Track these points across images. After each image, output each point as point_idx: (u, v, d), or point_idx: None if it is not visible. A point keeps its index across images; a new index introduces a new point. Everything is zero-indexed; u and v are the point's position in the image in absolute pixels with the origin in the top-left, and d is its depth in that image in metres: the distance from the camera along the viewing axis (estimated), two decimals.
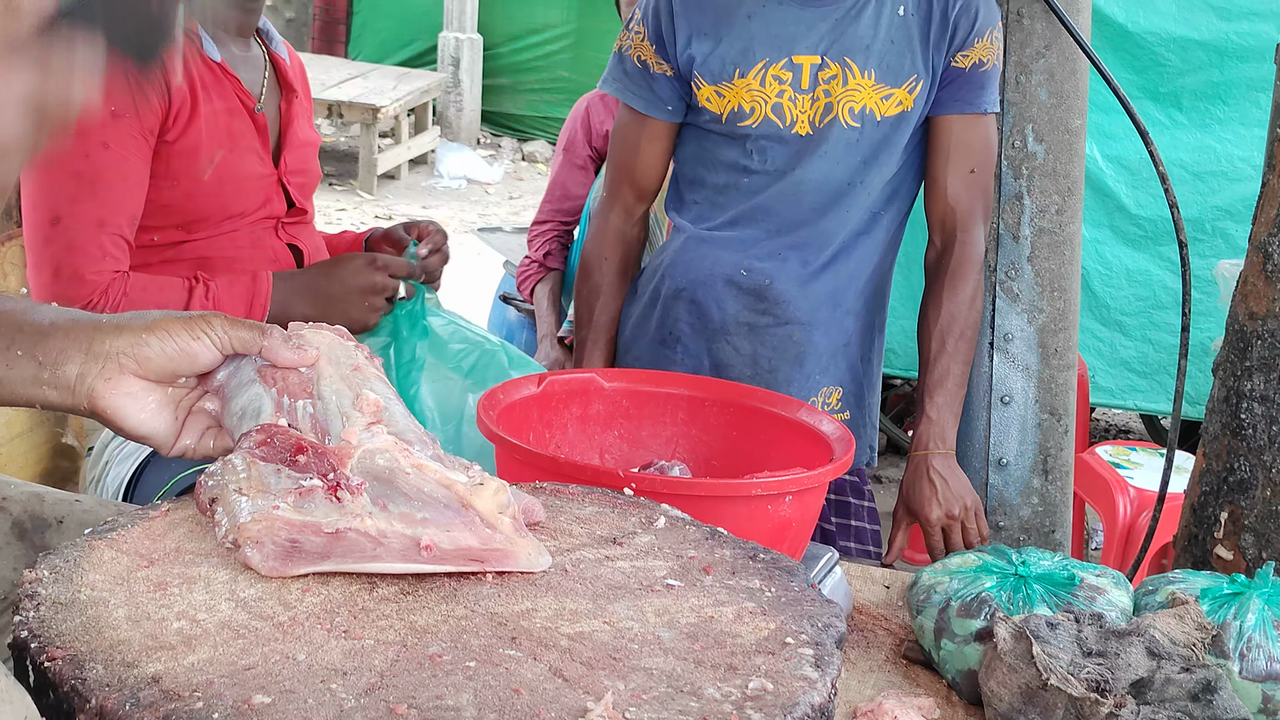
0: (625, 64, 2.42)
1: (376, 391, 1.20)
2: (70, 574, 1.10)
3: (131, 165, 2.10)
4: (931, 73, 2.31)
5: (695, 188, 2.45)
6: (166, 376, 1.16)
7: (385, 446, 1.14)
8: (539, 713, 0.93)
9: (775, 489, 1.69)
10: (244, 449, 1.15)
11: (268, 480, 1.13)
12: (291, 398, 1.18)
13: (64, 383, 1.11)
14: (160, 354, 1.14)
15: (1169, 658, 1.55)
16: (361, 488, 1.12)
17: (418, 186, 10.10)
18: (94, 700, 0.93)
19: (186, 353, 1.15)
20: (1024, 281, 2.57)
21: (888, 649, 1.82)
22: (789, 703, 0.97)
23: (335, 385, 1.20)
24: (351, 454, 1.13)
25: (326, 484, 1.12)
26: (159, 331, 1.14)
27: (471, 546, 1.13)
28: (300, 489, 1.11)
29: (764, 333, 2.40)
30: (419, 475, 1.14)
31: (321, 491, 1.11)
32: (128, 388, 1.13)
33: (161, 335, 1.13)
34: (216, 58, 2.21)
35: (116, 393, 1.13)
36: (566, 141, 3.77)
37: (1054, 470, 2.61)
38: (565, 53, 11.33)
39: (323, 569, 1.10)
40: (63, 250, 2.07)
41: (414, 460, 1.14)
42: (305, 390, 1.19)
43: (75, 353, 1.11)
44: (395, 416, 1.20)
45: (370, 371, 1.23)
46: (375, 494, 1.13)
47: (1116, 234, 4.61)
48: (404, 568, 1.11)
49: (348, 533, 1.11)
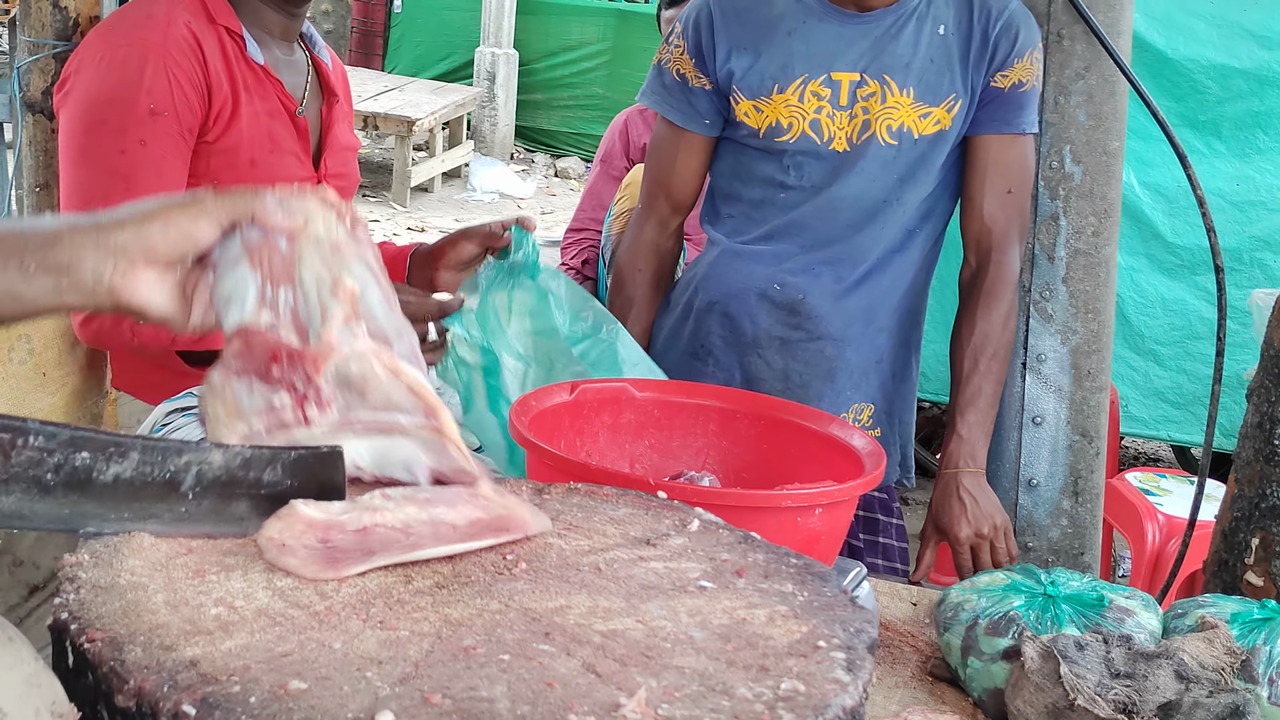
0: (664, 77, 2.44)
1: (355, 276, 1.22)
2: (110, 559, 1.11)
3: (168, 163, 2.12)
4: (970, 92, 2.32)
5: (731, 202, 2.46)
6: (173, 260, 1.19)
7: (361, 350, 1.18)
8: (572, 706, 0.94)
9: (805, 501, 1.69)
10: (223, 363, 1.20)
11: (241, 401, 1.18)
12: (274, 284, 1.20)
13: (82, 286, 1.15)
14: (164, 241, 1.17)
15: (1197, 681, 1.55)
16: (330, 402, 1.17)
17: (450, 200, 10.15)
18: (132, 681, 0.94)
19: (189, 235, 1.18)
20: (1058, 302, 2.57)
21: (914, 666, 1.82)
22: (821, 704, 0.97)
23: (316, 269, 1.21)
24: (328, 357, 1.18)
25: (295, 398, 1.17)
26: (159, 220, 1.17)
27: (480, 518, 1.19)
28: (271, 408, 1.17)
29: (796, 347, 2.40)
30: (391, 382, 1.19)
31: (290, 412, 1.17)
32: (142, 277, 1.16)
33: (163, 223, 1.17)
34: (260, 60, 2.23)
35: (133, 284, 1.16)
36: (604, 153, 3.80)
37: (1084, 492, 2.60)
38: (600, 70, 11.38)
39: (373, 565, 1.13)
40: None
41: (389, 363, 1.19)
42: (288, 274, 1.20)
43: (87, 255, 1.14)
44: (372, 305, 1.22)
45: (349, 252, 1.23)
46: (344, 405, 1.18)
47: (1153, 262, 4.58)
48: (443, 550, 1.15)
49: (375, 529, 1.15)
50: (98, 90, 2.12)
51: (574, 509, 1.33)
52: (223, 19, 2.19)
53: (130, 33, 2.14)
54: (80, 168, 2.11)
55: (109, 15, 2.26)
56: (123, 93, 2.10)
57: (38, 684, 0.92)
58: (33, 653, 0.95)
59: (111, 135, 2.09)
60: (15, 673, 0.91)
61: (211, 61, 2.16)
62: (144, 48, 2.11)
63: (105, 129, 2.10)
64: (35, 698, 0.91)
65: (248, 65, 2.22)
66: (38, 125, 2.60)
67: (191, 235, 1.18)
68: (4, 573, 1.34)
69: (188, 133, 2.14)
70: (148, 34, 2.12)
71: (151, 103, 2.09)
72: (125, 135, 2.09)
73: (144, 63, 2.10)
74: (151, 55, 2.10)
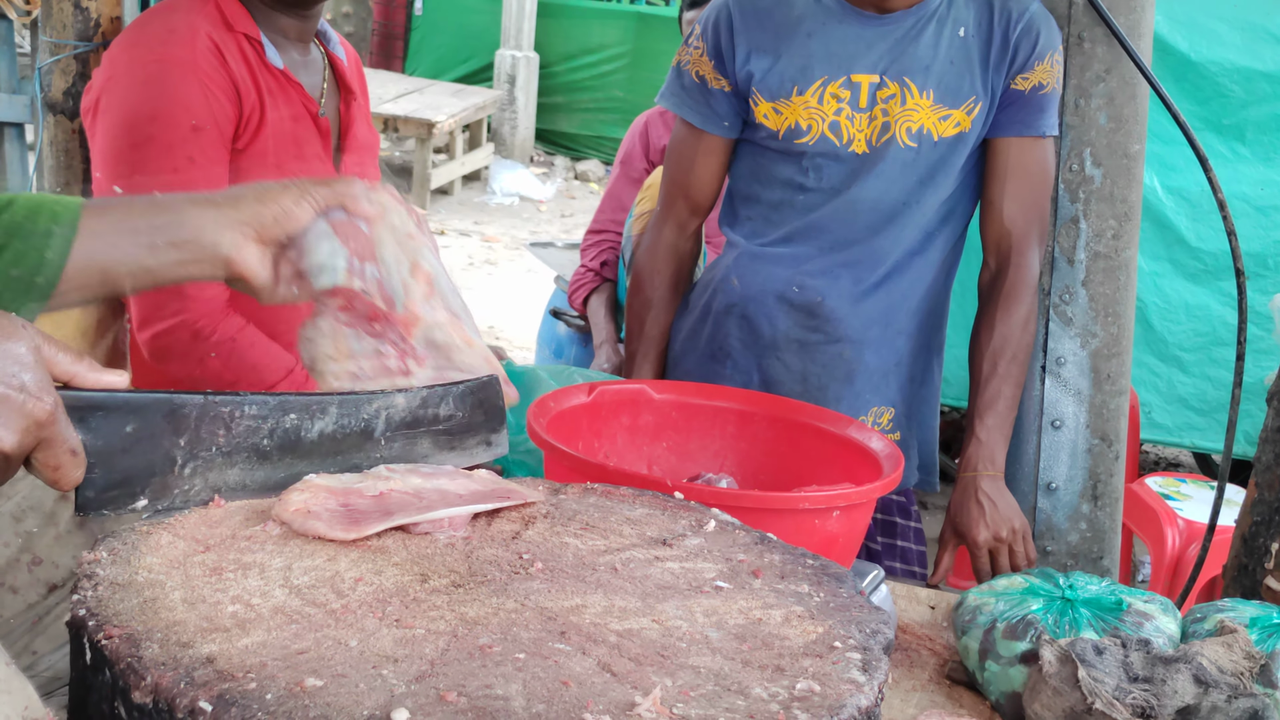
0: (683, 79, 2.43)
1: (428, 262, 1.38)
2: (128, 556, 1.12)
3: (217, 176, 2.14)
4: (990, 94, 2.31)
5: (749, 204, 2.45)
6: (275, 238, 1.35)
7: (443, 321, 1.37)
8: (587, 705, 0.94)
9: (823, 503, 1.69)
10: (329, 312, 1.37)
11: (350, 344, 1.36)
12: (360, 259, 1.36)
13: (204, 257, 1.32)
14: (273, 221, 1.34)
15: (1216, 686, 1.54)
16: (424, 360, 1.35)
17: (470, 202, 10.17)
18: (149, 678, 0.94)
19: (293, 215, 1.35)
20: (1078, 306, 2.56)
21: (931, 669, 1.82)
22: (836, 705, 0.97)
23: (394, 251, 1.37)
24: (416, 324, 1.36)
25: (399, 351, 1.35)
26: (270, 203, 1.35)
27: (478, 489, 1.29)
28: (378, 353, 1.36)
29: (814, 350, 2.40)
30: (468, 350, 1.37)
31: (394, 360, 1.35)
32: (250, 250, 1.33)
33: (273, 206, 1.35)
34: (279, 65, 2.24)
35: (245, 256, 1.33)
36: (624, 155, 3.81)
37: (1103, 496, 2.59)
38: (621, 73, 11.38)
39: (391, 524, 1.19)
40: None
41: (464, 335, 1.38)
42: (370, 252, 1.36)
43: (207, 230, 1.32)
44: (444, 290, 1.39)
45: (421, 241, 1.39)
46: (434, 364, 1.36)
47: (1176, 267, 4.55)
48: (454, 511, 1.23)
49: (390, 494, 1.24)
50: (135, 108, 2.13)
51: (590, 509, 1.33)
52: (241, 26, 2.20)
53: (156, 48, 2.14)
54: (133, 186, 2.13)
55: (127, 28, 2.26)
56: (163, 110, 2.11)
57: (8, 690, 0.92)
58: (5, 657, 0.95)
59: (160, 153, 2.11)
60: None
61: (236, 69, 2.17)
62: (173, 63, 2.12)
63: (153, 147, 2.12)
64: (5, 704, 0.91)
65: (268, 70, 2.23)
66: (59, 126, 2.62)
67: (294, 216, 1.35)
68: (23, 571, 1.35)
69: (227, 143, 2.16)
70: (174, 49, 2.13)
71: (192, 119, 2.11)
72: (174, 153, 2.11)
73: (177, 78, 2.12)
74: (183, 70, 2.12)
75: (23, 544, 1.36)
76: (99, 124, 2.16)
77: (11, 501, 1.38)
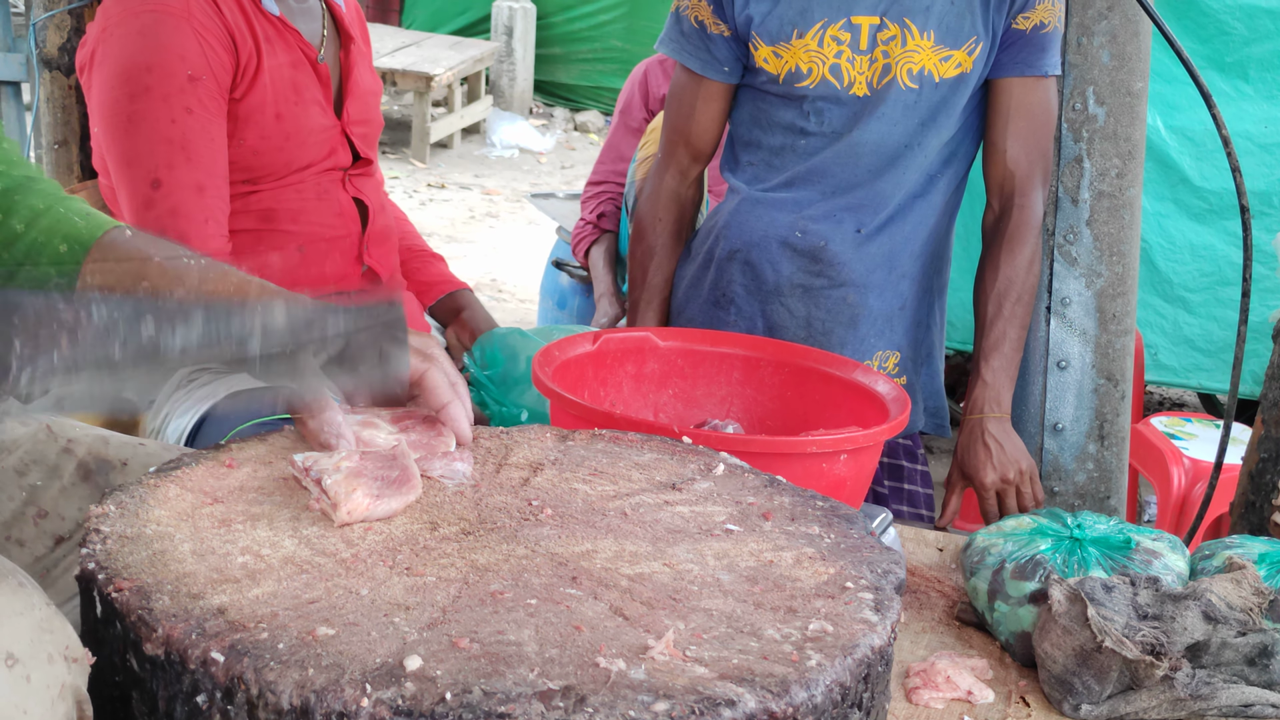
0: (682, 24, 2.41)
1: None
2: (136, 510, 1.11)
3: (216, 127, 2.14)
4: (991, 34, 2.29)
5: (751, 149, 2.44)
6: None
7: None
8: (600, 649, 0.94)
9: (830, 447, 1.69)
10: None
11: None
12: None
13: None
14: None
15: (1225, 622, 1.54)
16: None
17: (470, 155, 10.12)
18: (160, 629, 0.94)
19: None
20: (1082, 246, 2.54)
21: (940, 610, 1.82)
22: (849, 644, 0.97)
23: None
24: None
25: None
26: None
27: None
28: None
29: (818, 295, 2.39)
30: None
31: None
32: None
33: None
34: (275, 11, 2.22)
35: None
36: (624, 105, 3.78)
37: (1110, 436, 2.59)
38: (619, 22, 11.29)
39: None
40: (166, 214, 2.11)
41: None
42: None
43: None
44: None
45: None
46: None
47: (1180, 207, 4.52)
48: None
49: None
50: (131, 58, 2.12)
51: (599, 454, 1.33)
52: None
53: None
54: (131, 137, 2.12)
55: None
56: (158, 60, 2.11)
57: (50, 629, 0.92)
58: (44, 598, 0.95)
59: (159, 103, 2.11)
60: (26, 618, 0.91)
61: (230, 18, 2.15)
62: (167, 13, 2.11)
63: (150, 97, 2.11)
64: (48, 643, 0.91)
65: (265, 17, 2.21)
66: (55, 82, 2.60)
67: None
68: (29, 524, 1.35)
69: (224, 93, 2.15)
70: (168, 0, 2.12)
71: (189, 69, 2.10)
72: (171, 103, 2.11)
73: (171, 28, 2.10)
74: (177, 20, 2.11)
75: (27, 497, 1.36)
76: (95, 78, 2.15)
77: (14, 455, 1.38)
